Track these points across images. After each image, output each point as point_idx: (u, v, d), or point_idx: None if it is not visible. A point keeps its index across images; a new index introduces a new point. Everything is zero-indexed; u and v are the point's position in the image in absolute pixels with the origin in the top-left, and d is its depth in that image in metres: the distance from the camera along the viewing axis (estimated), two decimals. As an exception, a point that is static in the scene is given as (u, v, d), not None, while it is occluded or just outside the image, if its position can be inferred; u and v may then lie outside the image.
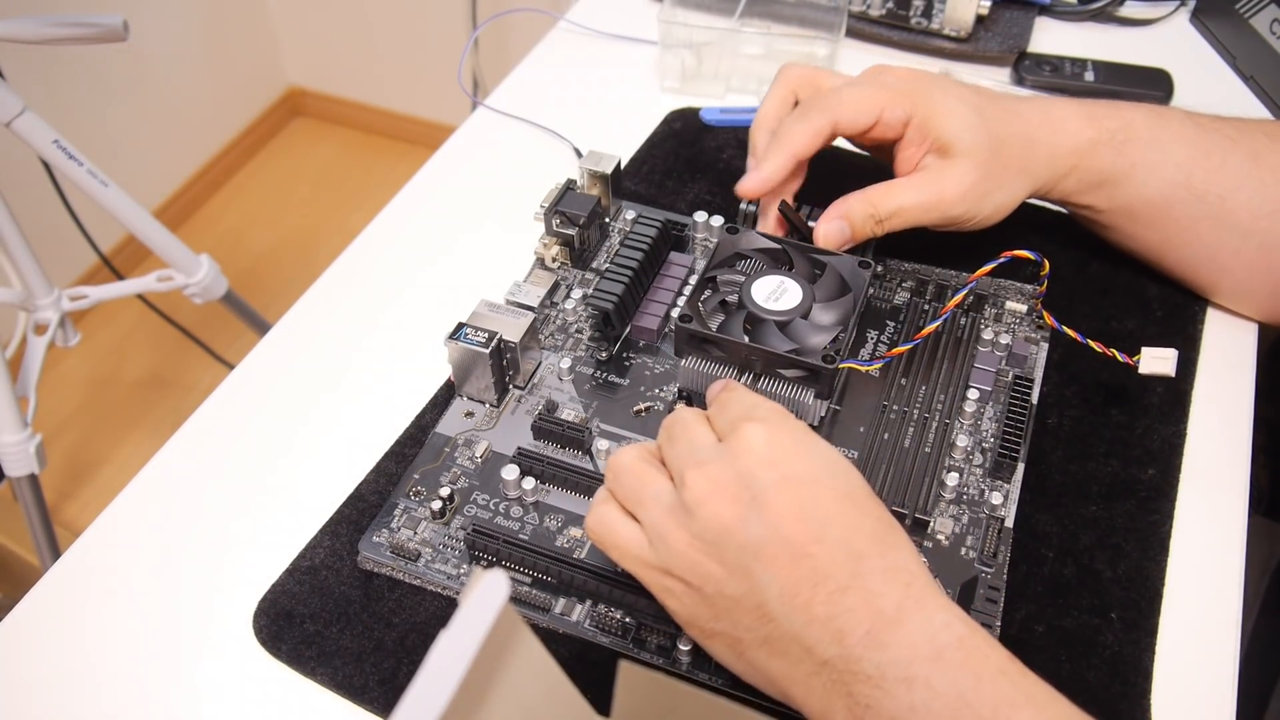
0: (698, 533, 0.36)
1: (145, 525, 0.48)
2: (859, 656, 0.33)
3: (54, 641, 0.44)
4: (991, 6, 0.73)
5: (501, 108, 0.70)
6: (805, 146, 0.51)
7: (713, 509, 0.35)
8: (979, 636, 0.34)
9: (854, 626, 0.33)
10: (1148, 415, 0.50)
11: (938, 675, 0.32)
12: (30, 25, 0.88)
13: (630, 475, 0.39)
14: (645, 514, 0.38)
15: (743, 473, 0.36)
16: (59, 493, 1.49)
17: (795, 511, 0.35)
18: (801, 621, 0.34)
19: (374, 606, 0.44)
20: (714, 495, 0.35)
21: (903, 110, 0.50)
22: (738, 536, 0.35)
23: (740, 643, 0.36)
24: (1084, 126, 0.52)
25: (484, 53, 1.68)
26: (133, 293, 1.16)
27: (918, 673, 0.33)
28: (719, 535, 0.35)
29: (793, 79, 0.55)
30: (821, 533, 0.35)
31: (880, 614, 0.33)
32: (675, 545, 0.36)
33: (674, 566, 0.36)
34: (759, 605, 0.35)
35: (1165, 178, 0.52)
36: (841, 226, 0.51)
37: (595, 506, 0.40)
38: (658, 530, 0.37)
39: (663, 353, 0.53)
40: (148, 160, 1.79)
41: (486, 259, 0.60)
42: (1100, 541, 0.46)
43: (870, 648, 0.33)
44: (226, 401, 0.54)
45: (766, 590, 0.34)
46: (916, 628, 0.33)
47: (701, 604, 0.36)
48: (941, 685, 0.32)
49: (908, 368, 0.51)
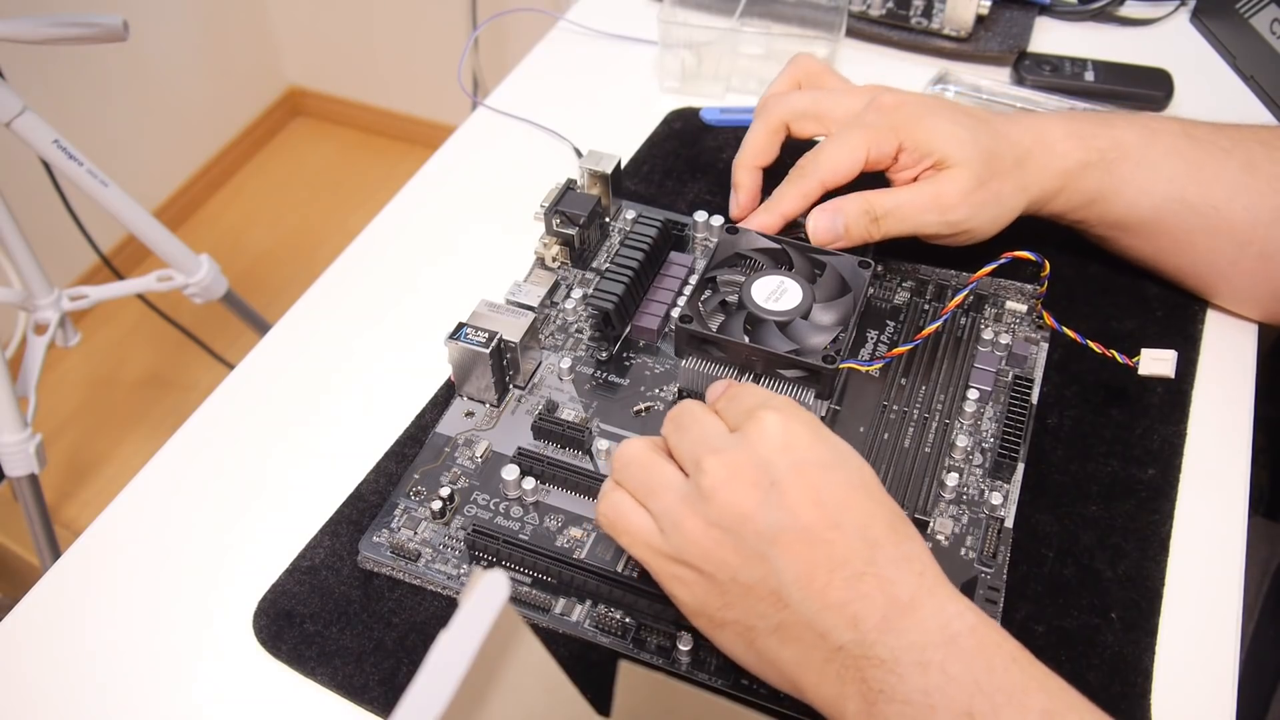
0: (714, 519, 0.36)
1: (145, 525, 0.48)
2: (874, 641, 0.33)
3: (54, 641, 0.44)
4: (991, 6, 0.73)
5: (501, 108, 0.70)
6: (795, 209, 0.52)
7: (730, 494, 0.35)
8: (990, 626, 0.34)
9: (869, 612, 0.34)
10: (1148, 415, 0.50)
11: (951, 661, 0.33)
12: (30, 25, 0.88)
13: (639, 465, 0.39)
14: (657, 502, 0.38)
15: (760, 459, 0.36)
16: (59, 493, 1.49)
17: (813, 497, 0.35)
18: (817, 607, 0.34)
19: (374, 606, 0.44)
20: (731, 481, 0.36)
21: (889, 144, 0.51)
22: (755, 522, 0.35)
23: (751, 630, 0.36)
24: (1074, 148, 0.52)
25: (484, 53, 1.68)
26: (133, 293, 1.16)
27: (932, 658, 0.33)
28: (736, 521, 0.35)
29: (799, 70, 0.57)
30: (839, 519, 0.35)
31: (895, 600, 0.34)
32: (689, 532, 0.36)
33: (686, 554, 0.36)
34: (774, 591, 0.35)
35: (1157, 192, 0.52)
36: (834, 219, 0.51)
37: (606, 495, 0.40)
38: (671, 517, 0.37)
39: (663, 353, 0.53)
40: (148, 160, 1.79)
41: (486, 259, 0.60)
42: (1100, 541, 0.46)
43: (885, 633, 0.33)
44: (226, 401, 0.54)
45: (782, 575, 0.35)
46: (930, 614, 0.34)
47: (713, 592, 0.37)
48: (955, 670, 0.33)
49: (908, 368, 0.51)
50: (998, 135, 0.51)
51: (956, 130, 0.51)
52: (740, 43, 0.72)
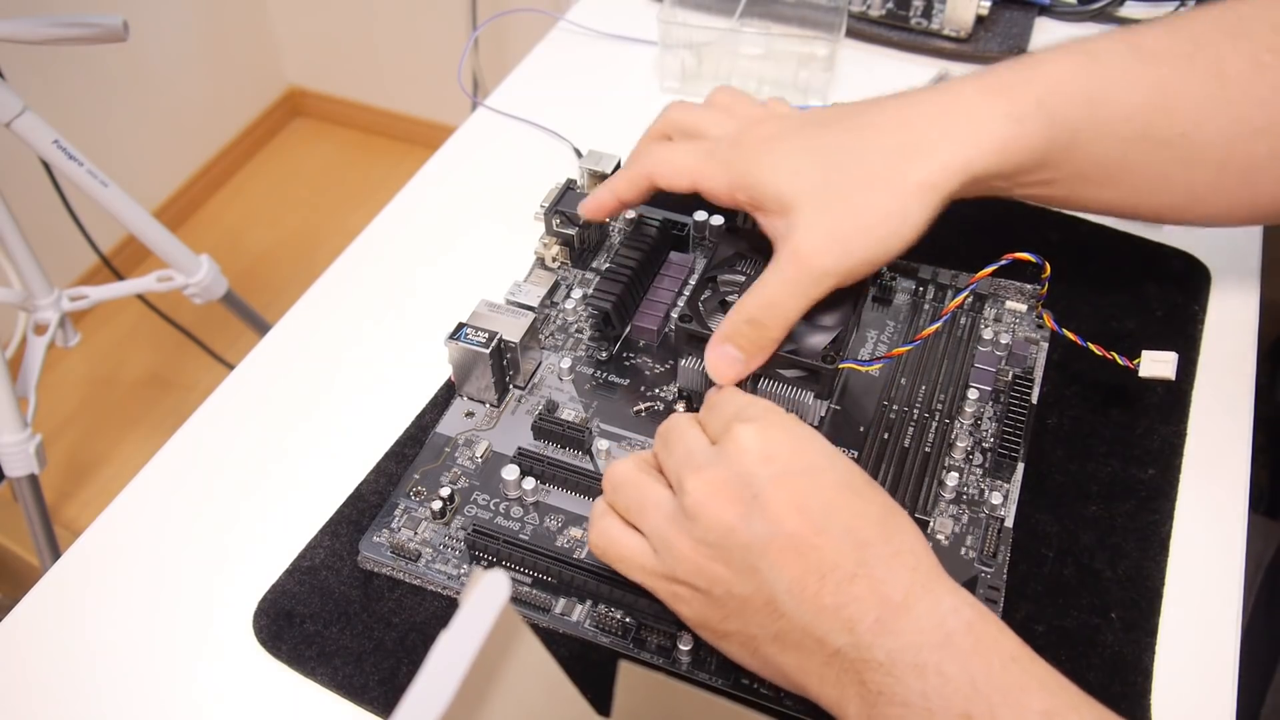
0: (700, 537, 0.36)
1: (145, 525, 0.48)
2: (869, 644, 0.33)
3: (54, 641, 0.44)
4: (991, 7, 0.73)
5: (501, 108, 0.70)
6: (626, 194, 0.48)
7: (713, 512, 0.35)
8: (988, 621, 0.34)
9: (862, 615, 0.33)
10: (1148, 415, 0.50)
11: (948, 661, 0.32)
12: (30, 25, 0.88)
13: (629, 485, 0.39)
14: (647, 523, 0.38)
15: (739, 473, 0.36)
16: (59, 493, 1.49)
17: (796, 504, 0.35)
18: (811, 613, 0.34)
19: (374, 606, 0.44)
20: (713, 498, 0.36)
21: (718, 180, 0.44)
22: (741, 536, 0.35)
23: (753, 640, 0.36)
24: (994, 105, 0.42)
25: (484, 53, 1.68)
26: (133, 293, 1.16)
27: (928, 659, 0.32)
28: (722, 537, 0.35)
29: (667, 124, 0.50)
30: (824, 523, 0.35)
31: (888, 600, 0.33)
32: (680, 552, 0.36)
33: (681, 573, 0.37)
34: (768, 601, 0.35)
35: (1117, 134, 0.43)
36: (725, 351, 0.43)
37: (596, 521, 0.40)
38: (661, 538, 0.37)
39: (663, 353, 0.53)
40: (148, 160, 1.79)
41: (486, 259, 0.60)
42: (1100, 541, 0.46)
43: (880, 635, 0.33)
44: (226, 401, 0.54)
45: (774, 586, 0.34)
46: (924, 613, 0.33)
47: (711, 607, 0.37)
48: (952, 671, 0.32)
49: (908, 368, 0.51)
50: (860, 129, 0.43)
51: (789, 156, 0.43)
52: (740, 43, 0.72)
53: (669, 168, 0.46)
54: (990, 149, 0.42)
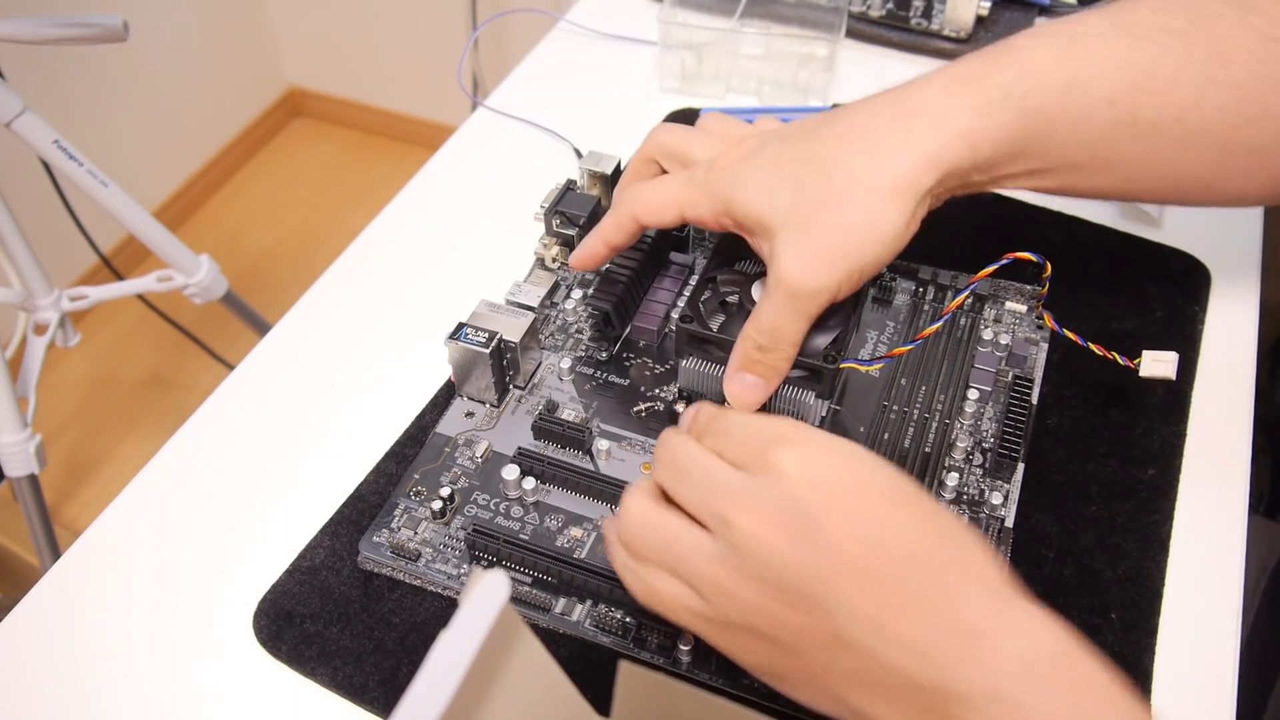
0: (754, 574, 0.33)
1: (145, 525, 0.48)
2: (944, 675, 0.31)
3: (54, 641, 0.44)
4: (991, 7, 0.73)
5: (501, 108, 0.70)
6: (615, 238, 0.48)
7: (765, 544, 0.32)
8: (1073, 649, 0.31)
9: (937, 642, 0.31)
10: (1148, 415, 0.50)
11: (1029, 693, 0.30)
12: (30, 25, 0.88)
13: (649, 530, 0.35)
14: (687, 569, 0.34)
15: (787, 499, 0.33)
16: (59, 493, 1.49)
17: (852, 528, 0.32)
18: (880, 644, 0.31)
19: (374, 606, 0.44)
20: (763, 530, 0.33)
21: (703, 208, 0.44)
22: (798, 568, 0.32)
23: (818, 678, 0.34)
24: (960, 98, 0.41)
25: (484, 53, 1.68)
26: (133, 293, 1.16)
27: (1006, 690, 0.30)
28: (780, 573, 0.32)
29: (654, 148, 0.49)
30: (884, 545, 0.32)
31: (962, 625, 0.31)
32: (732, 593, 0.33)
33: (734, 615, 0.34)
34: (834, 635, 0.32)
35: (1099, 119, 0.41)
36: (744, 379, 0.43)
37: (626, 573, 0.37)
38: (708, 582, 0.34)
39: (663, 353, 0.53)
40: (148, 160, 1.79)
41: (486, 259, 0.60)
42: (1100, 541, 0.46)
43: (961, 665, 0.30)
44: (226, 401, 0.54)
45: (838, 618, 0.32)
46: (1003, 639, 0.31)
47: (774, 648, 0.34)
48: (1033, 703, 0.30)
49: (908, 368, 0.51)
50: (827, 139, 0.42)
51: (765, 176, 0.42)
52: (740, 43, 0.72)
53: (653, 204, 0.45)
54: (956, 143, 0.40)
